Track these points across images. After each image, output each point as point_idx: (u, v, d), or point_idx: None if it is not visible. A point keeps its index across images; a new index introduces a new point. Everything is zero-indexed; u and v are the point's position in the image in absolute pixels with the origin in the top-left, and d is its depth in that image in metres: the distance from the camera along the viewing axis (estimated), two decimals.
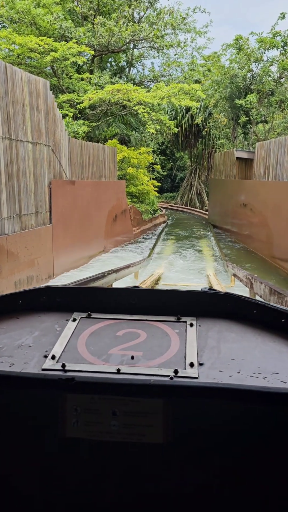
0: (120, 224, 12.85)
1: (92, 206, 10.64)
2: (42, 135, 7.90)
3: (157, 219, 17.90)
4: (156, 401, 0.99)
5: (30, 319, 1.32)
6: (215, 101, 21.45)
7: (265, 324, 1.26)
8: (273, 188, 10.75)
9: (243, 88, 20.18)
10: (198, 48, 20.11)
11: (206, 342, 1.18)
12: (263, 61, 19.92)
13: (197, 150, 26.99)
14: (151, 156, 16.83)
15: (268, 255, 10.79)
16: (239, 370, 1.04)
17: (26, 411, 1.04)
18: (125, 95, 11.81)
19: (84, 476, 1.05)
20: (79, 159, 9.96)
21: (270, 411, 0.98)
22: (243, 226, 13.54)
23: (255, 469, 1.01)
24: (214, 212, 18.86)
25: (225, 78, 20.12)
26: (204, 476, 1.03)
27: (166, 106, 19.47)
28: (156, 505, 1.05)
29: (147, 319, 1.29)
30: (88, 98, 11.91)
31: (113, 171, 12.51)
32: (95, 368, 1.05)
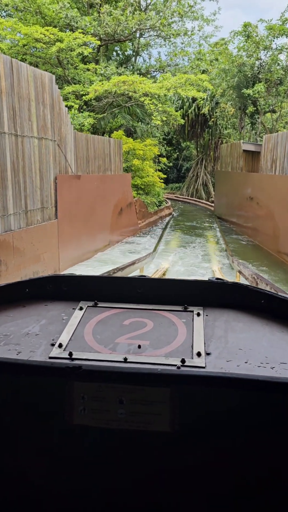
0: (125, 218, 12.83)
1: (98, 200, 10.62)
2: (48, 130, 7.86)
3: (162, 211, 17.83)
4: (163, 390, 0.99)
5: (37, 307, 1.32)
6: (222, 90, 21.11)
7: (273, 314, 1.24)
8: (281, 182, 10.63)
9: (251, 77, 19.81)
10: (205, 37, 19.73)
11: (213, 331, 1.17)
12: (272, 49, 19.50)
13: (204, 140, 26.69)
14: (157, 148, 16.68)
15: (274, 250, 10.74)
16: (247, 360, 1.04)
17: (33, 398, 1.04)
18: (131, 86, 11.66)
19: (91, 462, 1.06)
20: (84, 153, 9.91)
21: (278, 400, 0.97)
22: (249, 219, 13.46)
23: (263, 458, 1.01)
24: (220, 205, 18.74)
25: (233, 66, 19.75)
26: (210, 464, 1.03)
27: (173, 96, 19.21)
28: (163, 493, 1.06)
29: (153, 308, 1.29)
30: (94, 90, 11.78)
31: (118, 164, 12.44)
32: (102, 356, 1.05)
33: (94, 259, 10.05)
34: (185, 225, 16.35)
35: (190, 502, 1.06)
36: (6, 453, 1.10)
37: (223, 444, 1.02)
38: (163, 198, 19.59)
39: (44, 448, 1.07)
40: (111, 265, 9.48)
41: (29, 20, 14.24)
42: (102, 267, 9.14)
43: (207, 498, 1.06)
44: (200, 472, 1.04)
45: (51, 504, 1.10)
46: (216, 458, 1.03)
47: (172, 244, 12.22)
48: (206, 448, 1.02)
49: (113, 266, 7.69)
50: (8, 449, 1.09)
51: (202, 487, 1.05)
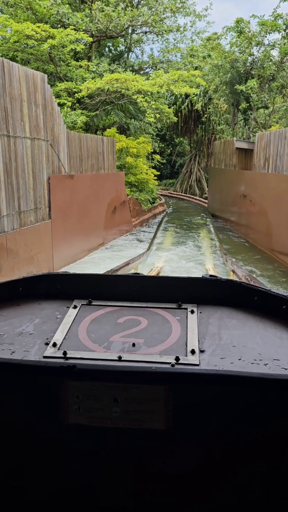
0: (119, 216, 12.83)
1: (91, 199, 10.60)
2: (41, 130, 7.81)
3: (156, 209, 17.84)
4: (158, 388, 0.99)
5: (30, 306, 1.31)
6: (215, 86, 21.06)
7: (266, 311, 1.25)
8: (273, 181, 10.69)
9: (244, 73, 19.80)
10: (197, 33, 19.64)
11: (207, 329, 1.17)
12: (264, 45, 19.48)
13: (197, 136, 26.66)
14: (150, 146, 16.64)
15: (268, 248, 10.83)
16: (240, 357, 1.04)
17: (28, 398, 1.04)
18: (123, 84, 11.60)
19: (86, 461, 1.06)
20: (77, 152, 9.87)
21: (271, 397, 0.98)
22: (242, 217, 13.53)
23: (256, 454, 1.01)
24: (214, 201, 18.79)
25: (226, 62, 19.70)
26: (204, 461, 1.03)
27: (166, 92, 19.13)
28: (158, 489, 1.06)
29: (148, 306, 1.28)
30: (87, 88, 11.71)
31: (112, 162, 12.41)
32: (96, 355, 1.05)
33: (88, 258, 10.05)
34: (179, 223, 16.39)
35: (185, 498, 1.06)
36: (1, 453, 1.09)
37: (217, 441, 1.02)
38: (157, 195, 19.59)
39: (39, 447, 1.06)
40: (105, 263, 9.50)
41: (20, 16, 14.07)
42: (96, 266, 9.16)
43: (202, 495, 1.06)
44: (195, 469, 1.04)
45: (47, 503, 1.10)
46: (210, 454, 1.03)
47: (165, 243, 12.26)
48: (200, 445, 1.03)
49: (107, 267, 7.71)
50: (3, 448, 1.08)
51: (196, 484, 1.05)
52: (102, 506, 1.09)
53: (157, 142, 23.83)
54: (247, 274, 5.71)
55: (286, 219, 9.49)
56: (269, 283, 7.86)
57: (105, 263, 9.64)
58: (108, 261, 9.96)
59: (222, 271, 8.69)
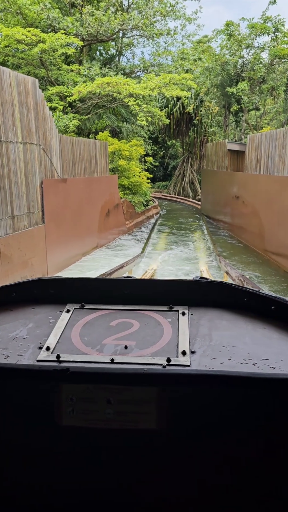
0: (113, 219, 12.84)
1: (85, 203, 10.61)
2: (33, 135, 7.82)
3: (149, 211, 17.88)
4: (150, 389, 1.01)
5: (24, 311, 1.32)
6: (206, 88, 21.20)
7: (255, 311, 1.27)
8: (265, 182, 10.79)
9: (235, 76, 19.96)
10: (188, 36, 19.77)
11: (198, 330, 1.19)
12: (254, 48, 19.67)
13: (189, 138, 26.77)
14: (143, 148, 16.70)
15: (261, 248, 10.91)
16: (230, 357, 1.06)
17: (22, 402, 1.05)
18: (115, 87, 11.65)
19: (81, 462, 1.07)
20: (70, 156, 9.88)
21: (261, 396, 1.00)
22: (235, 218, 13.62)
23: (248, 452, 1.03)
24: (207, 203, 18.89)
25: (216, 65, 19.86)
26: (197, 461, 1.05)
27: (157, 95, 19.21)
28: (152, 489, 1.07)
29: (140, 309, 1.30)
30: (78, 91, 11.73)
31: (104, 165, 12.43)
32: (89, 358, 1.06)
33: (82, 262, 10.05)
34: (173, 225, 16.44)
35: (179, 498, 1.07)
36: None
37: (210, 440, 1.04)
38: (150, 197, 19.64)
39: (34, 450, 1.08)
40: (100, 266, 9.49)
41: (10, 21, 14.07)
42: (90, 269, 9.16)
43: (196, 494, 1.07)
44: (188, 468, 1.06)
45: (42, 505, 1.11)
46: (203, 453, 1.05)
47: (160, 245, 12.29)
48: (193, 444, 1.05)
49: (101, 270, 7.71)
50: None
51: (189, 483, 1.07)
52: (98, 506, 1.10)
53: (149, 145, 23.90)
54: (240, 275, 5.75)
55: (278, 220, 9.58)
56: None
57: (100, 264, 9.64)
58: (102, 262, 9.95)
59: (216, 273, 8.74)
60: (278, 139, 10.19)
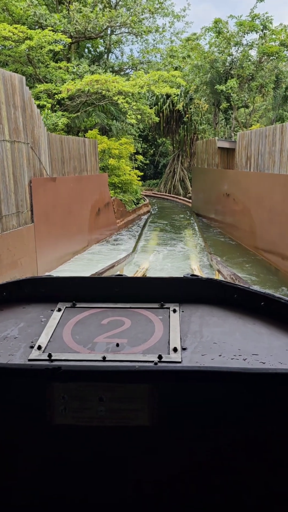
0: (103, 218, 12.75)
1: (75, 202, 10.50)
2: (20, 133, 7.69)
3: (140, 209, 17.82)
4: (142, 386, 1.01)
5: (15, 310, 1.31)
6: (195, 86, 21.17)
7: (245, 308, 1.28)
8: (255, 180, 10.80)
9: (223, 73, 19.96)
10: (176, 33, 19.71)
11: (189, 327, 1.20)
12: (243, 45, 19.69)
13: (179, 136, 26.74)
14: (133, 146, 16.61)
15: (252, 246, 10.92)
16: (221, 353, 1.07)
17: (14, 401, 1.05)
18: (104, 85, 11.54)
19: (74, 460, 1.07)
20: (59, 154, 9.76)
21: (251, 391, 1.00)
22: (226, 216, 13.63)
23: (239, 447, 1.04)
24: (198, 201, 18.89)
25: (205, 62, 19.83)
26: (189, 456, 1.06)
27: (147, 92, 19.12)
28: (145, 485, 1.08)
29: (131, 307, 1.30)
30: (67, 89, 11.59)
31: (94, 164, 12.33)
32: (81, 356, 1.06)
33: (73, 261, 9.95)
34: (164, 223, 16.40)
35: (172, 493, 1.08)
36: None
37: (201, 435, 1.05)
38: (141, 195, 19.57)
39: (27, 449, 1.08)
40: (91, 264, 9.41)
41: None
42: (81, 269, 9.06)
43: (189, 489, 1.08)
44: (181, 464, 1.06)
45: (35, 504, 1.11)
46: (195, 449, 1.05)
47: (151, 244, 12.24)
48: (185, 440, 1.05)
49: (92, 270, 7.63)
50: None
51: (183, 479, 1.07)
52: (91, 504, 1.10)
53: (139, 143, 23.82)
54: (232, 273, 5.73)
55: (268, 217, 9.60)
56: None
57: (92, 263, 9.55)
58: (94, 263, 9.87)
59: (207, 271, 8.72)
60: (267, 136, 10.20)
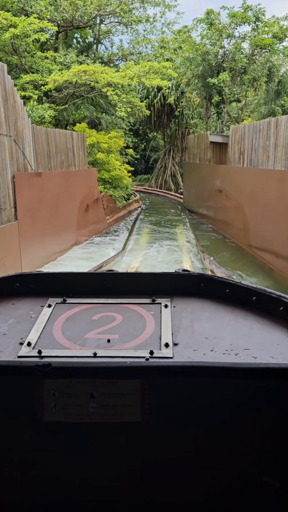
0: (92, 214, 12.34)
1: (62, 198, 10.07)
2: (2, 125, 7.23)
3: (131, 205, 17.43)
4: (133, 382, 1.01)
5: (4, 306, 1.30)
6: (187, 79, 20.77)
7: (237, 303, 1.28)
8: (249, 175, 10.49)
9: (215, 66, 19.61)
10: (167, 24, 19.23)
11: (181, 322, 1.19)
12: (235, 37, 19.35)
13: (171, 130, 26.35)
14: (123, 140, 16.16)
15: (245, 243, 10.64)
16: (212, 348, 1.07)
17: (3, 398, 1.04)
18: (92, 76, 11.07)
19: (65, 457, 1.07)
20: (45, 148, 9.31)
21: (243, 385, 1.01)
22: (219, 212, 13.32)
23: (231, 441, 1.05)
24: (189, 196, 18.55)
25: (197, 55, 19.44)
26: (181, 451, 1.06)
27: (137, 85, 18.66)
28: (136, 481, 1.08)
29: (122, 302, 1.29)
30: (53, 80, 11.10)
31: (83, 158, 11.88)
32: (71, 353, 1.05)
33: (60, 260, 9.55)
34: (154, 219, 16.03)
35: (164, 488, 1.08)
36: None
37: (193, 430, 1.05)
38: (131, 191, 19.16)
39: (17, 446, 1.07)
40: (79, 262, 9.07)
41: None
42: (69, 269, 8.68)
43: (181, 484, 1.08)
44: (173, 459, 1.06)
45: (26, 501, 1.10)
46: (187, 444, 1.06)
47: (141, 242, 11.87)
48: (176, 435, 1.05)
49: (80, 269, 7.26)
50: None
51: (175, 474, 1.07)
52: (83, 500, 1.10)
53: (130, 137, 23.38)
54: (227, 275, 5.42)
55: (262, 214, 9.31)
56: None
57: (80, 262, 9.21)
58: (82, 261, 9.53)
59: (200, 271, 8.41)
60: (261, 130, 9.88)
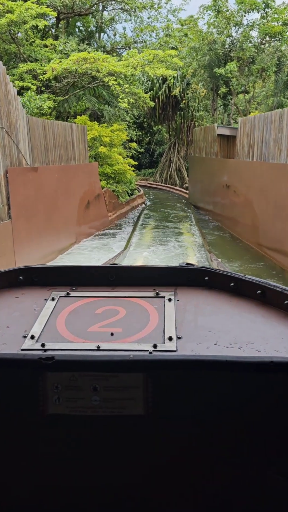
0: (93, 211, 11.79)
1: (61, 194, 9.53)
2: None
3: (134, 201, 16.85)
4: (136, 375, 1.02)
5: (7, 299, 1.30)
6: (193, 70, 20.05)
7: (241, 296, 1.29)
8: (259, 170, 9.88)
9: (223, 56, 18.89)
10: (173, 11, 18.46)
11: (184, 315, 1.20)
12: (243, 25, 18.58)
13: (176, 123, 25.66)
14: (126, 133, 15.53)
15: (254, 242, 10.06)
16: (216, 341, 1.07)
17: (7, 391, 1.05)
18: (93, 64, 10.45)
19: (68, 451, 1.08)
20: (42, 141, 8.75)
21: (246, 379, 1.01)
22: (226, 209, 12.71)
23: (234, 435, 1.05)
24: (195, 192, 17.93)
25: (203, 44, 18.71)
26: (184, 444, 1.07)
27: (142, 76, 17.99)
28: (140, 474, 1.09)
29: (126, 296, 1.30)
30: (51, 69, 10.49)
31: (83, 152, 11.30)
32: (74, 346, 1.05)
33: (58, 260, 9.04)
34: (158, 216, 15.42)
35: (167, 481, 1.08)
36: None
37: (196, 424, 1.05)
38: (135, 186, 18.57)
39: (20, 439, 1.08)
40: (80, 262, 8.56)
41: None
42: None
43: (184, 477, 1.09)
44: (176, 453, 1.07)
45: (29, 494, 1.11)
46: (190, 438, 1.07)
47: (144, 240, 11.29)
48: (180, 429, 1.06)
49: None
50: None
51: (178, 467, 1.08)
52: (86, 494, 1.10)
53: (134, 130, 22.73)
54: None
55: (273, 212, 8.71)
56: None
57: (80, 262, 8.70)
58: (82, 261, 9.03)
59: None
60: (273, 121, 9.23)
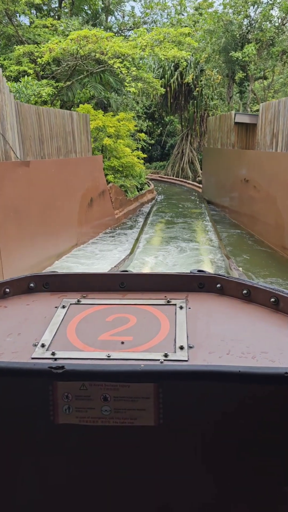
0: (97, 209, 10.70)
1: (58, 191, 8.47)
2: None
3: (144, 197, 15.70)
4: (147, 385, 1.00)
5: (19, 307, 1.31)
6: (207, 55, 18.65)
7: (254, 304, 1.27)
8: (284, 162, 8.63)
9: (240, 38, 17.46)
10: None
11: (196, 324, 1.18)
12: (262, 4, 17.07)
13: (188, 113, 24.32)
14: (134, 123, 14.34)
15: (278, 245, 8.85)
16: (229, 351, 1.05)
17: (17, 400, 1.05)
18: (96, 44, 9.28)
19: (78, 461, 1.08)
20: (35, 131, 7.67)
21: (260, 390, 0.99)
22: (244, 205, 11.47)
23: (247, 448, 1.03)
24: (209, 187, 16.66)
25: (219, 26, 17.28)
26: (195, 455, 1.06)
27: (152, 62, 16.72)
28: (150, 486, 1.08)
29: (136, 303, 1.29)
30: (49, 49, 9.36)
31: (85, 144, 10.19)
32: (85, 355, 1.05)
33: (55, 267, 8.01)
34: (169, 214, 14.22)
35: (179, 494, 1.08)
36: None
37: (208, 435, 1.05)
38: (145, 180, 17.39)
39: (30, 449, 1.08)
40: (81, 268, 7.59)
41: None
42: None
43: (196, 490, 1.08)
44: (187, 464, 1.06)
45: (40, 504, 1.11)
46: (201, 449, 1.06)
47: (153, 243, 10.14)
48: (190, 440, 1.05)
49: None
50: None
51: (190, 479, 1.07)
52: (96, 504, 1.10)
53: (145, 121, 21.48)
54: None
55: None
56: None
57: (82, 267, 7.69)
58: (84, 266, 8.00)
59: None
60: None
